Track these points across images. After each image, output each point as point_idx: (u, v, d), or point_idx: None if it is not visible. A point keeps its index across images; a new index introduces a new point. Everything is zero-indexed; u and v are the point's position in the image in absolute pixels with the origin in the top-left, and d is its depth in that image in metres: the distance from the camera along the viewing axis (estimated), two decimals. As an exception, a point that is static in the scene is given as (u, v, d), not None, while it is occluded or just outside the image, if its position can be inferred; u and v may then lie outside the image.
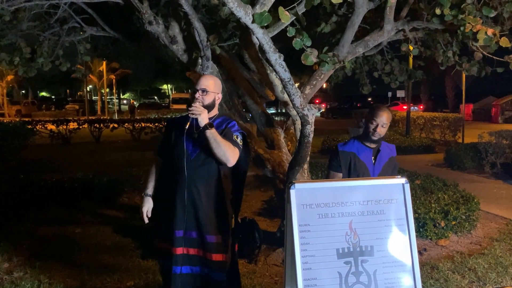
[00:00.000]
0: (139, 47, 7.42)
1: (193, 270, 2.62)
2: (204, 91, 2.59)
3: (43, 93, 61.87)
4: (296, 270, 2.08)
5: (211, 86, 2.62)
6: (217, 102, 2.68)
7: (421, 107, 35.30)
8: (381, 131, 2.87)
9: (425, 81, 31.83)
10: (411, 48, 5.11)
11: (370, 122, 2.89)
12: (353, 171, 2.90)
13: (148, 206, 2.75)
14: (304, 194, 2.15)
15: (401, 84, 7.26)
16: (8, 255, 4.52)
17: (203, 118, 2.45)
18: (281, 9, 2.70)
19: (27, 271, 4.10)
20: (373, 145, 2.96)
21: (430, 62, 6.02)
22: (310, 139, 3.73)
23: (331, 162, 3.05)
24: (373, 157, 2.93)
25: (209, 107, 2.60)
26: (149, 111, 36.03)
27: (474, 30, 3.62)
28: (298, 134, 4.41)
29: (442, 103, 37.54)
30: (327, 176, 3.09)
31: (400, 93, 26.43)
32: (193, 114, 2.46)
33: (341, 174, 2.94)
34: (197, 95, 2.58)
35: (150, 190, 2.78)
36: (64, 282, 3.87)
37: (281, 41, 5.04)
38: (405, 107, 34.17)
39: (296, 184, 2.15)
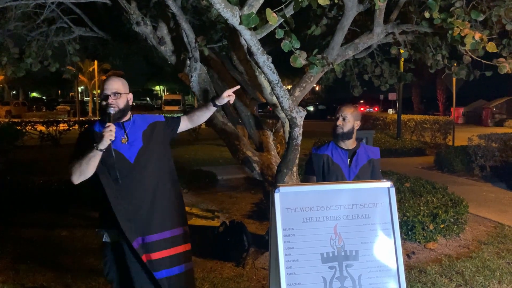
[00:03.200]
0: (129, 48, 7.38)
1: (164, 273, 2.55)
2: (116, 94, 2.44)
3: (34, 94, 61.39)
4: (280, 274, 2.05)
5: (121, 88, 2.49)
6: (129, 103, 2.56)
7: (376, 109, 36.46)
8: (343, 124, 2.84)
9: (417, 84, 32.03)
10: (401, 51, 5.12)
11: (334, 118, 2.93)
12: (327, 174, 2.85)
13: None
14: (289, 198, 2.13)
15: (393, 87, 7.29)
16: (-8, 258, 4.45)
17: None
18: (268, 10, 2.68)
19: (11, 275, 4.03)
20: (349, 146, 2.90)
21: (421, 65, 6.04)
22: (299, 141, 3.71)
23: (306, 165, 3.04)
24: (348, 159, 2.87)
25: (125, 110, 2.48)
26: (141, 112, 35.83)
27: (462, 34, 3.62)
28: (288, 136, 4.39)
29: (434, 106, 37.83)
30: (302, 180, 3.06)
31: (392, 96, 26.52)
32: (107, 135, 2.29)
33: (314, 178, 2.91)
34: (110, 100, 2.41)
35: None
36: (48, 286, 3.81)
37: (272, 44, 5.03)
38: (362, 109, 35.08)
39: (280, 188, 2.13)
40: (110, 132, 2.28)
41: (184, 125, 2.69)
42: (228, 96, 2.59)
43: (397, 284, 2.18)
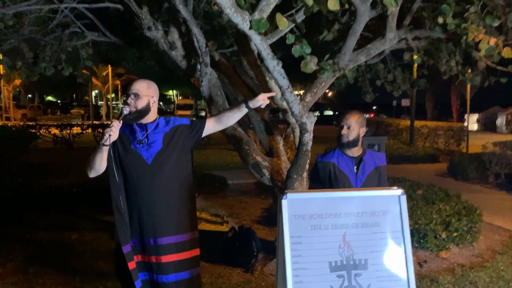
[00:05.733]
0: (141, 53, 7.42)
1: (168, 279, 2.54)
2: (136, 95, 2.47)
3: (50, 98, 62.24)
4: (287, 283, 2.01)
5: (144, 90, 2.50)
6: (153, 106, 2.56)
7: (372, 115, 36.34)
8: (348, 132, 2.79)
9: (430, 90, 31.70)
10: (415, 57, 5.05)
11: (338, 126, 2.87)
12: (334, 182, 2.80)
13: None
14: (297, 205, 2.09)
15: (406, 93, 7.21)
16: (2, 260, 4.48)
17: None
18: (278, 15, 2.66)
19: (20, 277, 4.05)
20: (355, 154, 2.85)
21: (435, 71, 5.96)
22: (309, 147, 3.68)
23: (311, 173, 2.99)
24: (355, 167, 2.82)
25: (143, 112, 2.49)
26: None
27: (477, 40, 3.56)
28: (298, 141, 4.35)
29: (448, 112, 37.43)
30: (309, 188, 3.01)
31: (405, 102, 26.24)
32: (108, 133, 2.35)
33: (320, 186, 2.86)
34: (128, 100, 2.47)
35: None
36: (56, 289, 3.83)
37: (284, 49, 5.01)
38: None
39: (288, 194, 2.09)
40: (111, 128, 2.35)
41: (211, 126, 2.66)
42: (263, 99, 2.59)
43: (407, 294, 2.13)
